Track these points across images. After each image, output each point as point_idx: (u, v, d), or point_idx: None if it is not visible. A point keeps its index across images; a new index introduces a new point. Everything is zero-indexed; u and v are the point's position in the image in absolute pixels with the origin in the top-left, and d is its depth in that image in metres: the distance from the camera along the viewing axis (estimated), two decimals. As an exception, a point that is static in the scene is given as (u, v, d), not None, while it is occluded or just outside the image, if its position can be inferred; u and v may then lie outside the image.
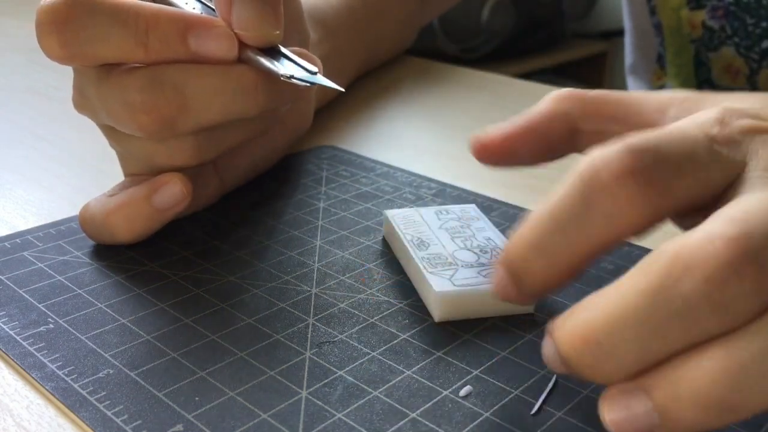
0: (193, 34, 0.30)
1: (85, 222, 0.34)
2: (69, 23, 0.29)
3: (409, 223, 0.34)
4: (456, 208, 0.36)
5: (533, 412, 0.25)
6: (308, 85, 0.31)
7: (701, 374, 0.19)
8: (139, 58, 0.30)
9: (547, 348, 0.22)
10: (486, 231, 0.34)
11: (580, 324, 0.21)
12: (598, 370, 0.20)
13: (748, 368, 0.19)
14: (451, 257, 0.31)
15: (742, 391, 0.19)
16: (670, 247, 0.20)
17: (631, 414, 0.20)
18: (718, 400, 0.19)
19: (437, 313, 0.30)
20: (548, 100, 0.30)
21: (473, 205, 0.36)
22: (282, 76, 0.31)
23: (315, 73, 0.32)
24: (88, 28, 0.30)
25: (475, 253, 0.32)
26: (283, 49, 0.32)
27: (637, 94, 0.30)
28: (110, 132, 0.35)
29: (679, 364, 0.20)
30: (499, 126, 0.30)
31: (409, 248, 0.32)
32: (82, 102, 0.34)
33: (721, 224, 0.20)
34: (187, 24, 0.31)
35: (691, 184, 0.23)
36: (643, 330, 0.20)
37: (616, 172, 0.22)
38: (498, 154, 0.30)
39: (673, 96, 0.29)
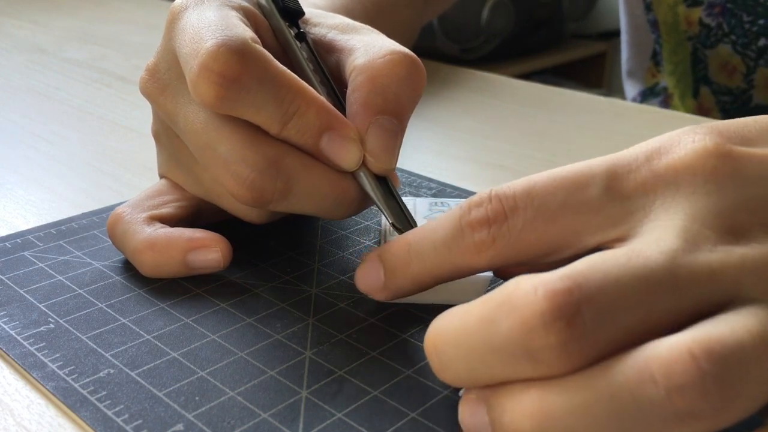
0: (328, 134, 0.30)
1: (113, 233, 0.33)
2: (236, 84, 0.28)
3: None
4: (452, 201, 0.36)
5: None
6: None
7: (518, 409, 0.21)
8: (272, 131, 0.30)
9: None
10: None
11: (435, 330, 0.23)
12: (440, 373, 0.23)
13: (554, 418, 0.20)
14: None
15: None
16: (512, 285, 0.21)
17: (475, 421, 0.22)
18: None
19: None
20: None
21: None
22: (392, 224, 0.31)
23: (415, 225, 0.32)
24: (251, 94, 0.29)
25: None
26: (389, 181, 0.32)
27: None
28: (176, 141, 0.34)
29: (507, 393, 0.21)
30: None
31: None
32: (170, 111, 0.33)
33: (557, 276, 0.21)
34: (329, 121, 0.30)
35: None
36: (471, 354, 0.22)
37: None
38: None
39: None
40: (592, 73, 2.03)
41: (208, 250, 0.32)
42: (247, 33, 0.30)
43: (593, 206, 0.24)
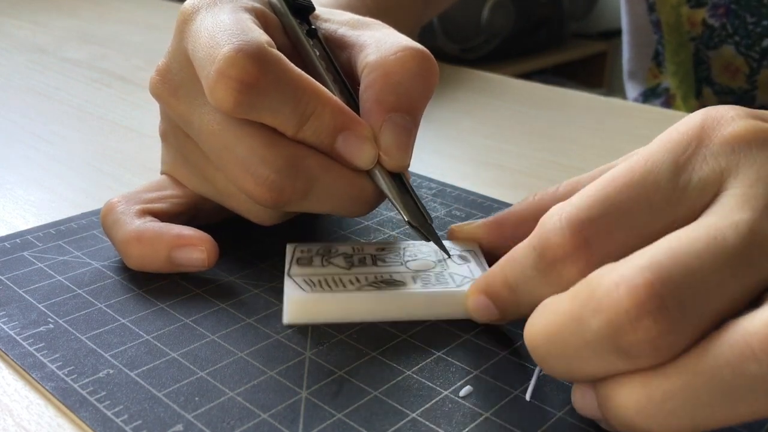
0: (344, 134, 0.30)
1: (104, 222, 0.33)
2: (254, 88, 0.28)
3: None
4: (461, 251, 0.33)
5: (528, 397, 0.26)
6: (423, 237, 0.31)
7: (624, 395, 0.21)
8: (288, 133, 0.30)
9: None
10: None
11: (528, 328, 0.24)
12: (542, 367, 0.24)
13: (657, 402, 0.21)
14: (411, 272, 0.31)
15: (652, 423, 0.21)
16: (595, 281, 0.22)
17: (586, 404, 0.23)
18: (631, 425, 0.21)
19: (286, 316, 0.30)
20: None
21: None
22: (407, 222, 0.31)
23: (431, 224, 0.32)
24: (267, 98, 0.29)
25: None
26: (404, 177, 0.32)
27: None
28: (186, 141, 0.34)
29: (613, 379, 0.22)
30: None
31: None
32: (183, 112, 0.32)
33: (638, 269, 0.21)
34: (344, 122, 0.30)
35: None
36: (565, 351, 0.22)
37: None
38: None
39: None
40: (592, 73, 2.03)
41: (194, 248, 0.32)
42: (262, 37, 0.30)
43: (671, 203, 0.24)
